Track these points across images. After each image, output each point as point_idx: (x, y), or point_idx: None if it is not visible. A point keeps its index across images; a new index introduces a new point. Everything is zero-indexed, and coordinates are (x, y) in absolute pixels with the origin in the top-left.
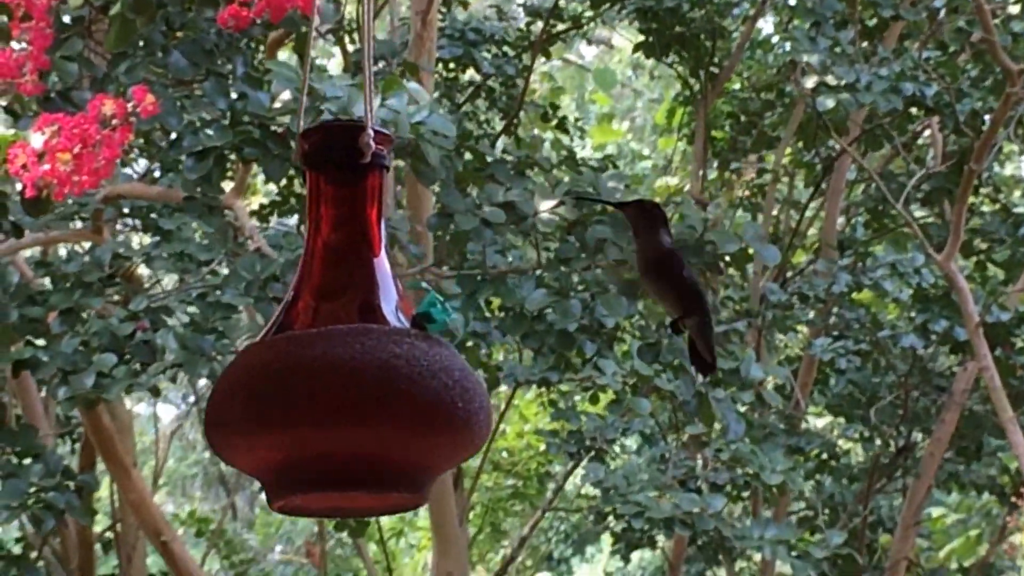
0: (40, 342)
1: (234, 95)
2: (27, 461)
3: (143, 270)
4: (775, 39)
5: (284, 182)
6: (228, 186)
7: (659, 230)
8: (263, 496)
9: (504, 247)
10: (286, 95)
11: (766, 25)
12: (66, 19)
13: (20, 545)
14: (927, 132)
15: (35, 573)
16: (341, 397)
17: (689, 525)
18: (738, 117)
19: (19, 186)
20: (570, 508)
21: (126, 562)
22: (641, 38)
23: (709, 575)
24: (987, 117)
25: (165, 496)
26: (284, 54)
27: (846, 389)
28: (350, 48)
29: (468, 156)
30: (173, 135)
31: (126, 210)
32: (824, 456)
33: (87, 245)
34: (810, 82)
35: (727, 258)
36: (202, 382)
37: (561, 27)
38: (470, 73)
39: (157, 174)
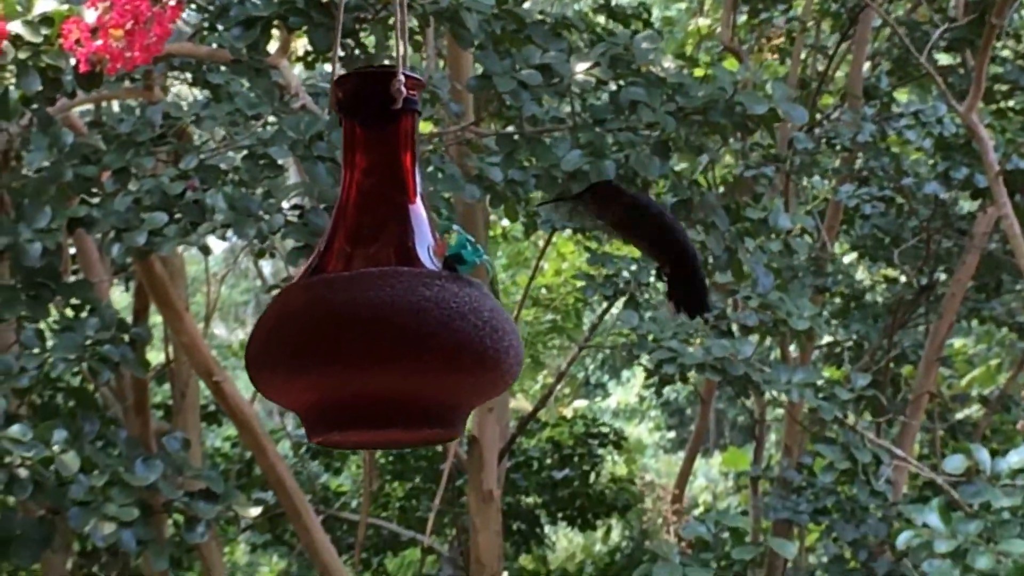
0: (94, 201)
1: None
2: (83, 315)
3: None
4: None
5: None
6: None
7: (620, 196)
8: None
9: (540, 97)
10: None
11: None
12: None
13: (79, 379)
14: None
15: (94, 407)
16: (373, 340)
17: (719, 370)
18: None
19: (72, 61)
20: (605, 345)
21: (179, 397)
22: None
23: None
24: None
25: (217, 321)
26: None
27: (871, 232)
28: None
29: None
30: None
31: (176, 63)
32: (849, 294)
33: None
34: None
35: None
36: None
37: None
38: None
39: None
